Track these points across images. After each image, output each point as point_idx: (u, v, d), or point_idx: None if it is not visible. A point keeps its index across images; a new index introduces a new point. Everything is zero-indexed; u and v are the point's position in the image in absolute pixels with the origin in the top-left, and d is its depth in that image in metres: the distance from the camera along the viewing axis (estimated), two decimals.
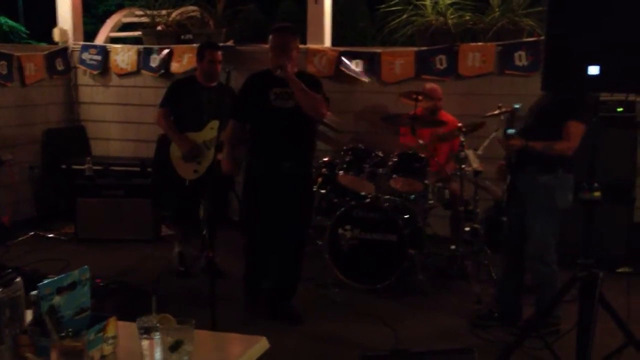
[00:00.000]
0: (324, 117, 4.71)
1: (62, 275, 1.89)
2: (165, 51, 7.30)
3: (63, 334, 1.74)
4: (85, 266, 1.97)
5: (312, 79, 4.54)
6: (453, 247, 5.47)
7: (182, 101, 5.36)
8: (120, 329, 1.97)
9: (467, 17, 6.50)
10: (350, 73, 6.50)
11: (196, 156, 5.26)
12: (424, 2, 6.57)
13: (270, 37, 4.41)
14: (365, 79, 6.58)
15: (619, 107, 5.49)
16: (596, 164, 3.38)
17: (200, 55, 5.43)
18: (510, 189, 4.39)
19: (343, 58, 6.61)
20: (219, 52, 5.40)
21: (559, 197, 4.16)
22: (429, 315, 4.70)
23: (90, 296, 1.97)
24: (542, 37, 4.71)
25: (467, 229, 5.34)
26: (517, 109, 4.42)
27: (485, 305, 4.69)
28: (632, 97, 5.37)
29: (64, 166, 7.02)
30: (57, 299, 1.84)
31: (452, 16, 6.44)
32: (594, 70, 3.17)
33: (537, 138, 4.14)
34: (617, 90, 4.01)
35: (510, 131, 4.30)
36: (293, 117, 4.34)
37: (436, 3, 6.52)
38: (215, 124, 5.20)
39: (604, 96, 5.16)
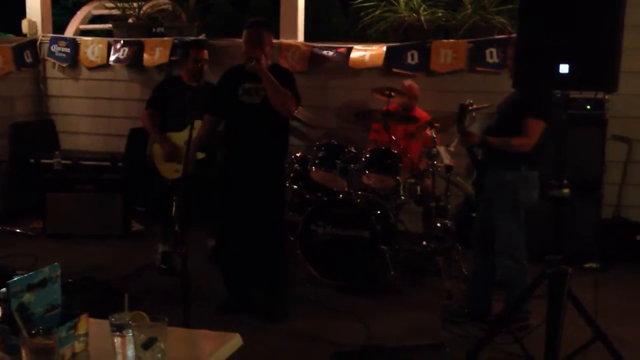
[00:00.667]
0: (291, 114, 4.67)
1: (32, 272, 1.86)
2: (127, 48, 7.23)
3: (33, 332, 1.72)
4: (56, 263, 1.95)
5: (286, 74, 4.51)
6: (425, 243, 5.51)
7: (167, 101, 5.37)
8: (92, 326, 1.94)
9: (440, 14, 6.54)
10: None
11: (177, 156, 5.21)
12: None
13: (244, 31, 4.39)
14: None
15: (588, 105, 5.57)
16: (565, 161, 3.43)
17: (185, 54, 5.40)
18: (477, 186, 4.44)
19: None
20: (205, 51, 5.39)
21: (523, 194, 4.21)
22: (401, 311, 4.73)
23: (60, 293, 1.94)
24: (513, 35, 4.75)
25: (438, 224, 5.39)
26: (468, 104, 4.45)
27: (456, 301, 4.73)
28: (600, 95, 5.46)
29: (32, 160, 6.91)
30: (27, 297, 1.81)
31: (424, 13, 6.47)
32: (563, 68, 3.22)
33: (498, 135, 4.20)
34: (586, 88, 4.07)
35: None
36: (260, 113, 4.32)
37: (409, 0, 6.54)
38: (198, 124, 5.20)
39: (573, 94, 5.23)
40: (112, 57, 7.31)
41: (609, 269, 5.47)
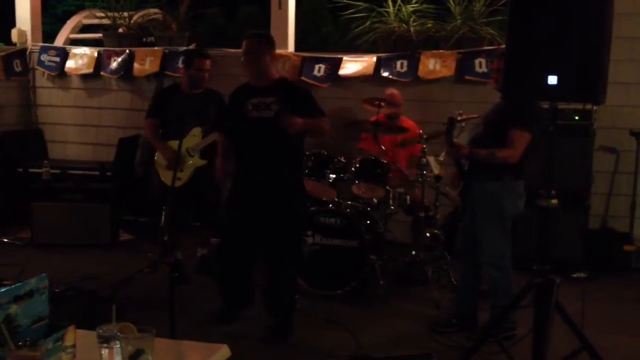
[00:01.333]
0: (330, 134, 4.64)
1: (19, 283, 1.85)
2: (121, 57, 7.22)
3: (20, 344, 1.71)
4: (43, 274, 1.94)
5: (302, 95, 4.38)
6: (414, 252, 5.51)
7: (167, 109, 5.38)
8: (79, 338, 1.94)
9: (429, 25, 6.58)
10: None
11: (177, 164, 5.19)
12: (387, 9, 6.63)
13: (243, 42, 4.30)
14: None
15: (576, 116, 5.61)
16: (553, 171, 3.45)
17: (188, 62, 5.42)
18: (463, 196, 4.47)
19: None
20: (208, 61, 5.42)
21: (508, 203, 4.23)
22: (389, 320, 4.73)
23: (48, 304, 1.93)
24: (502, 46, 4.78)
25: (427, 234, 5.40)
26: (456, 116, 4.49)
27: (444, 311, 4.74)
28: (588, 107, 5.49)
29: (20, 169, 6.89)
30: (13, 308, 1.80)
31: (414, 24, 6.51)
32: (552, 80, 3.24)
33: (484, 146, 4.22)
34: (574, 99, 4.10)
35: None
36: (271, 128, 4.15)
37: (399, 10, 6.58)
38: (197, 130, 5.27)
39: (561, 105, 5.27)
40: (104, 68, 7.30)
41: (596, 278, 5.49)
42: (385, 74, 6.46)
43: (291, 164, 4.35)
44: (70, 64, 7.46)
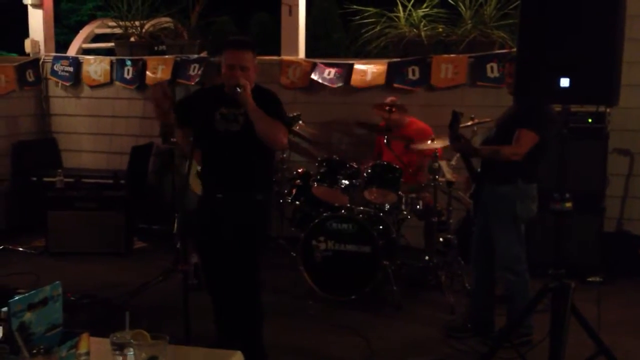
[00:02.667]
0: (282, 147, 4.16)
1: (34, 291, 1.86)
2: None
3: (34, 351, 1.72)
4: (57, 282, 1.95)
5: (271, 98, 3.86)
6: (427, 257, 5.49)
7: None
8: (93, 345, 1.94)
9: (440, 29, 6.57)
10: None
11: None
12: (397, 14, 6.63)
13: (225, 52, 3.76)
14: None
15: (589, 119, 5.57)
16: (567, 174, 3.43)
17: (219, 71, 5.33)
18: (475, 200, 4.45)
19: None
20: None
21: (520, 207, 4.21)
22: (403, 326, 4.71)
23: (62, 312, 1.94)
24: (514, 49, 4.76)
25: (440, 239, 5.38)
26: (458, 112, 4.46)
27: (459, 316, 4.72)
28: (602, 109, 5.47)
29: (34, 179, 6.93)
30: (28, 316, 1.81)
31: (425, 28, 6.50)
32: (564, 82, 3.23)
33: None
34: (587, 102, 4.07)
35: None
36: (239, 142, 3.74)
37: (409, 15, 6.57)
38: None
39: (574, 108, 5.24)
40: (119, 78, 7.35)
41: (612, 282, 5.45)
42: (398, 85, 6.44)
43: (260, 181, 3.89)
44: (85, 74, 7.51)
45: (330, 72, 6.69)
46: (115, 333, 1.90)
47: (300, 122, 6.04)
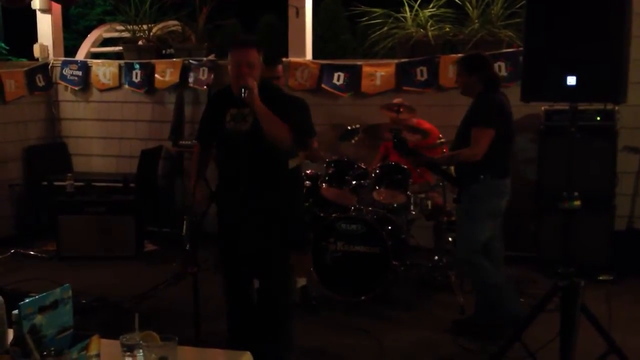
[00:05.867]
0: (288, 147, 4.02)
1: (44, 294, 1.88)
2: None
3: (45, 354, 1.73)
4: (67, 284, 1.96)
5: (294, 104, 3.97)
6: (436, 257, 5.49)
7: None
8: (103, 347, 1.95)
9: (447, 29, 6.56)
10: None
11: None
12: (404, 15, 6.63)
13: (231, 52, 3.75)
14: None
15: (598, 116, 5.56)
16: (576, 173, 3.42)
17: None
18: (458, 203, 4.56)
19: None
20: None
21: (488, 202, 4.30)
22: (413, 326, 4.71)
23: (72, 314, 1.95)
24: (521, 48, 4.77)
25: (450, 239, 5.37)
26: (397, 129, 4.62)
27: (469, 316, 4.71)
28: (610, 107, 5.45)
29: (45, 183, 6.97)
30: (39, 318, 1.83)
31: (432, 28, 6.50)
32: (571, 80, 3.22)
33: (457, 149, 4.36)
34: (594, 100, 4.07)
35: None
36: (250, 141, 3.70)
37: (416, 15, 6.57)
38: None
39: (583, 106, 5.22)
40: (126, 82, 7.40)
41: (623, 280, 5.43)
42: (407, 87, 6.44)
43: (271, 179, 3.86)
44: (94, 78, 7.55)
45: (339, 77, 6.68)
46: (125, 334, 1.91)
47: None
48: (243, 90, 3.58)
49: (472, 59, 4.53)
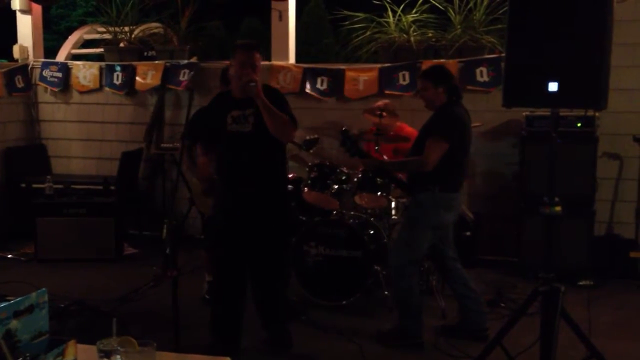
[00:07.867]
0: (291, 140, 4.42)
1: (19, 298, 1.84)
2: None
3: (20, 359, 1.70)
4: (44, 288, 1.93)
5: (278, 96, 4.18)
6: None
7: None
8: (80, 352, 1.92)
9: (430, 34, 6.59)
10: None
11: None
12: (387, 20, 6.64)
13: (237, 54, 4.02)
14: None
15: (579, 123, 5.60)
16: (556, 178, 3.44)
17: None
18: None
19: None
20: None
21: (431, 214, 4.30)
22: None
23: (48, 319, 1.92)
24: (503, 54, 4.78)
25: None
26: (347, 129, 4.61)
27: (450, 320, 4.71)
28: (590, 113, 5.48)
29: (23, 185, 6.90)
30: (13, 323, 1.79)
31: (414, 33, 6.52)
32: (552, 86, 3.24)
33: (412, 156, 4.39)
34: (575, 106, 4.09)
35: None
36: (252, 142, 4.02)
37: (399, 20, 6.59)
38: None
39: (564, 112, 5.26)
40: (107, 84, 7.33)
41: (603, 286, 5.47)
42: (389, 91, 6.45)
43: (273, 177, 4.19)
44: (74, 80, 7.48)
45: (322, 82, 6.68)
46: (102, 340, 1.88)
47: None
48: (250, 83, 3.84)
49: (438, 70, 4.56)
